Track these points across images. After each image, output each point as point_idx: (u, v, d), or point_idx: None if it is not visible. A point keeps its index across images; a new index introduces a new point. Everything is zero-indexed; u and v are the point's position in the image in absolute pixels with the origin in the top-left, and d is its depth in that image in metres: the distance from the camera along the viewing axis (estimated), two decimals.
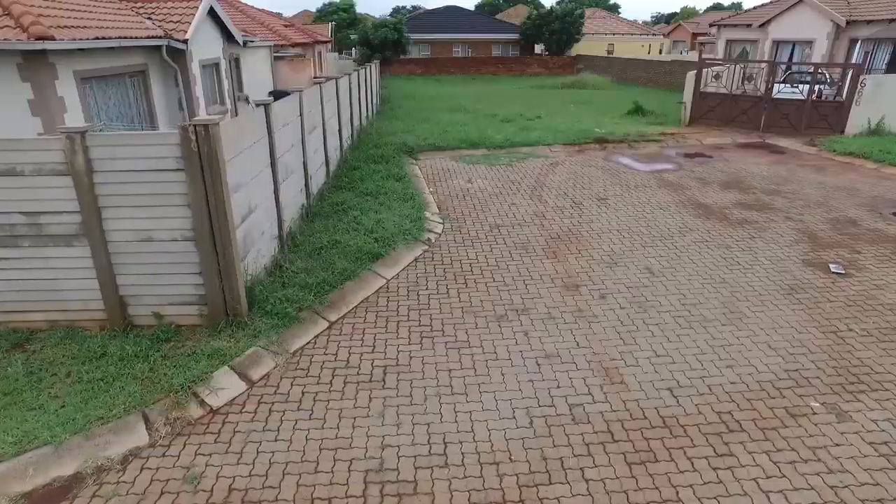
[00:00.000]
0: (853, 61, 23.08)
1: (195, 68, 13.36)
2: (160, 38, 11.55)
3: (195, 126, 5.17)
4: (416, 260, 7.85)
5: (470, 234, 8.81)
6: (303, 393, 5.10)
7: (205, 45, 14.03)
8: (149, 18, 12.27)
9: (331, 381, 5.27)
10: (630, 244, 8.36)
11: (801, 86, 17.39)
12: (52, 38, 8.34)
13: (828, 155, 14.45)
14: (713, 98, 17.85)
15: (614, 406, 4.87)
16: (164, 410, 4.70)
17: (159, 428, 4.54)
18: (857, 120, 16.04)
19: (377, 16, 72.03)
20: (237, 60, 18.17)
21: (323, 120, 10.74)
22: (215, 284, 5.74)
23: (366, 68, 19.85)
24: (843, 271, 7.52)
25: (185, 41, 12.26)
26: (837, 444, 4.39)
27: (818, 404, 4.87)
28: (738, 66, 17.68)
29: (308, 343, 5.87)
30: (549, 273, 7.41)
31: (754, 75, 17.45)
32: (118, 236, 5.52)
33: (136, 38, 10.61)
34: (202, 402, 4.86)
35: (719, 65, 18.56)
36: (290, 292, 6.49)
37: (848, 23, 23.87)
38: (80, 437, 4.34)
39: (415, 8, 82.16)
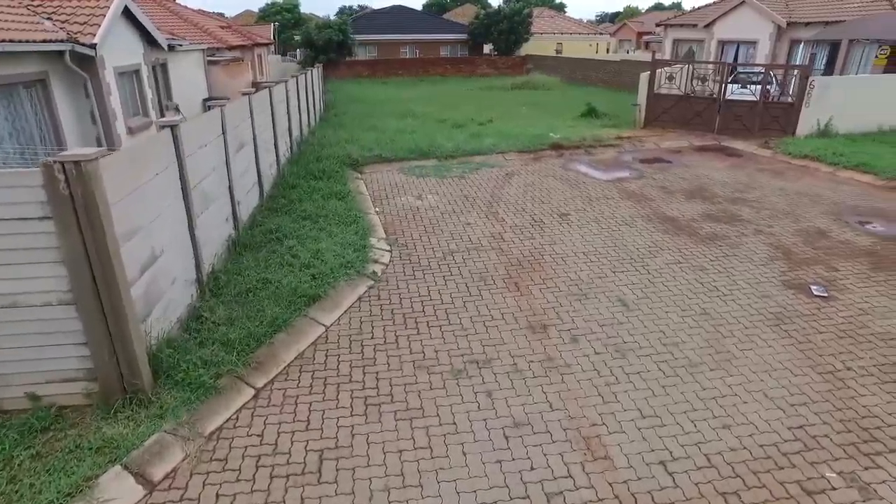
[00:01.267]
0: (798, 62, 23.45)
1: (109, 76, 11.92)
2: (61, 41, 10.11)
3: (63, 163, 4.04)
4: (359, 300, 6.85)
5: (421, 262, 7.86)
6: (217, 496, 4.05)
7: (121, 50, 12.58)
8: (48, 19, 10.77)
9: (254, 475, 4.24)
10: (598, 269, 7.59)
11: (753, 87, 17.22)
12: None
13: (783, 158, 14.21)
14: (667, 100, 17.49)
15: (601, 492, 4.03)
16: None
17: None
18: (808, 121, 15.95)
19: (323, 16, 70.23)
20: (164, 66, 16.65)
21: (254, 135, 9.59)
22: (106, 355, 4.61)
23: (307, 72, 18.63)
24: (825, 294, 6.96)
25: (94, 45, 10.84)
26: None
27: (834, 475, 4.17)
28: (690, 66, 17.34)
29: (228, 420, 4.81)
30: (512, 311, 6.54)
31: (707, 76, 17.15)
32: None
33: (28, 41, 9.16)
34: None
35: (673, 65, 18.22)
36: (207, 352, 5.39)
37: (788, 24, 24.20)
38: None
39: (361, 8, 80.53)
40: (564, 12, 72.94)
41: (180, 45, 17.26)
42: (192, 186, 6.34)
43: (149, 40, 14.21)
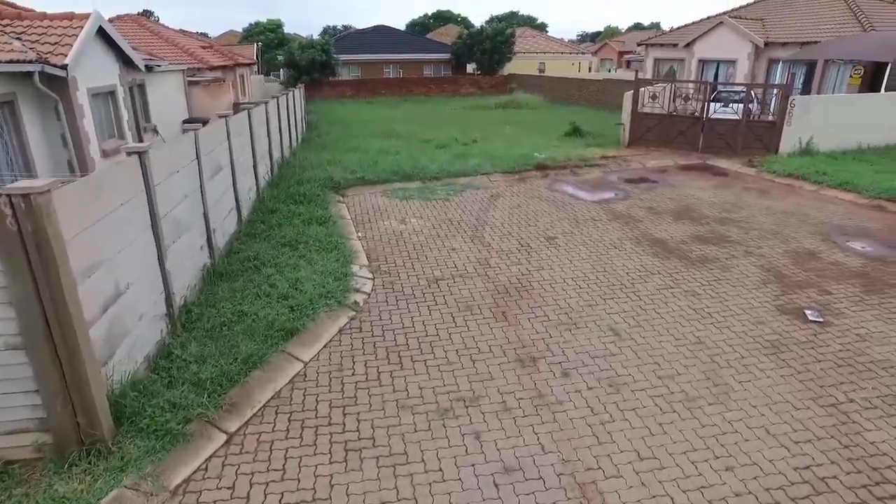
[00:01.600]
0: (776, 81, 23.78)
1: (82, 97, 11.56)
2: (30, 62, 9.76)
3: (10, 196, 3.71)
4: (340, 332, 6.52)
5: (405, 291, 7.56)
6: None
7: (95, 71, 12.24)
8: (17, 39, 10.42)
9: None
10: (588, 296, 7.35)
11: (735, 105, 17.33)
12: None
13: (768, 176, 14.20)
14: (651, 119, 17.51)
15: None
16: None
17: None
18: (790, 139, 16.03)
19: (306, 36, 70.36)
20: (142, 87, 16.31)
21: (231, 158, 9.28)
22: (60, 403, 4.24)
23: (289, 93, 18.40)
24: (821, 319, 6.78)
25: (65, 66, 10.50)
26: None
27: None
28: (673, 85, 17.42)
29: (197, 471, 4.44)
30: (500, 342, 6.26)
31: (691, 95, 17.23)
32: None
33: None
34: None
35: (655, 84, 18.30)
36: (177, 394, 5.02)
37: (766, 44, 24.58)
38: None
39: (345, 27, 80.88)
40: (546, 32, 73.85)
41: (159, 66, 16.95)
42: (163, 215, 6.02)
43: (125, 61, 13.89)
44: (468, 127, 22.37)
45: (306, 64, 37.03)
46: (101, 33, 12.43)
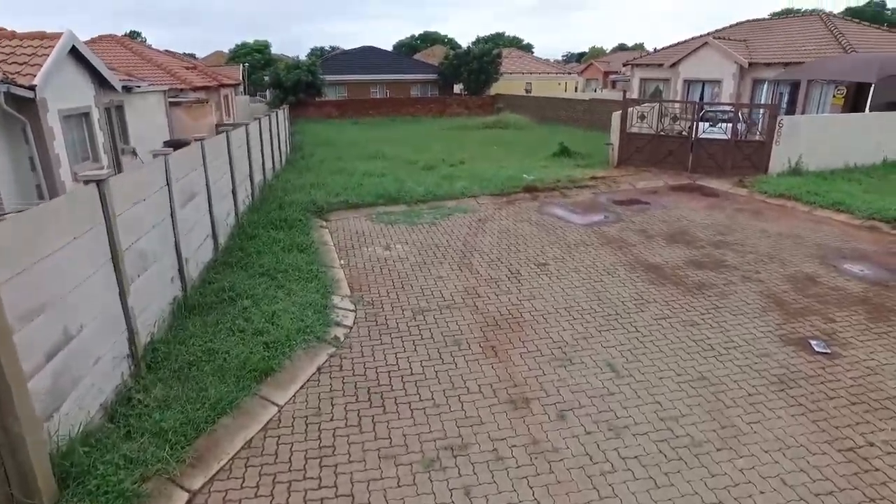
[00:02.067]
0: (762, 101, 23.87)
1: (52, 119, 11.10)
2: None
3: None
4: (319, 371, 6.06)
5: (388, 324, 7.12)
6: None
7: (67, 92, 11.80)
8: None
9: None
10: (583, 328, 6.96)
11: (724, 125, 17.23)
12: None
13: (760, 197, 14.01)
14: (640, 139, 17.34)
15: None
16: None
17: None
18: (779, 159, 15.91)
19: (293, 56, 70.40)
20: (120, 108, 15.89)
21: (207, 184, 8.86)
22: None
23: (272, 114, 18.05)
24: (828, 350, 6.44)
25: (34, 87, 10.05)
26: None
27: None
28: (661, 105, 17.30)
29: None
30: (490, 381, 5.83)
31: (678, 115, 17.11)
32: None
33: None
34: None
35: (644, 104, 18.19)
36: (135, 447, 4.53)
37: (750, 64, 24.74)
38: None
39: (333, 48, 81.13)
40: (532, 52, 74.58)
41: (138, 87, 16.55)
42: (126, 248, 5.58)
43: (101, 81, 13.47)
44: (455, 148, 22.12)
45: (292, 84, 36.79)
46: (75, 53, 12.02)
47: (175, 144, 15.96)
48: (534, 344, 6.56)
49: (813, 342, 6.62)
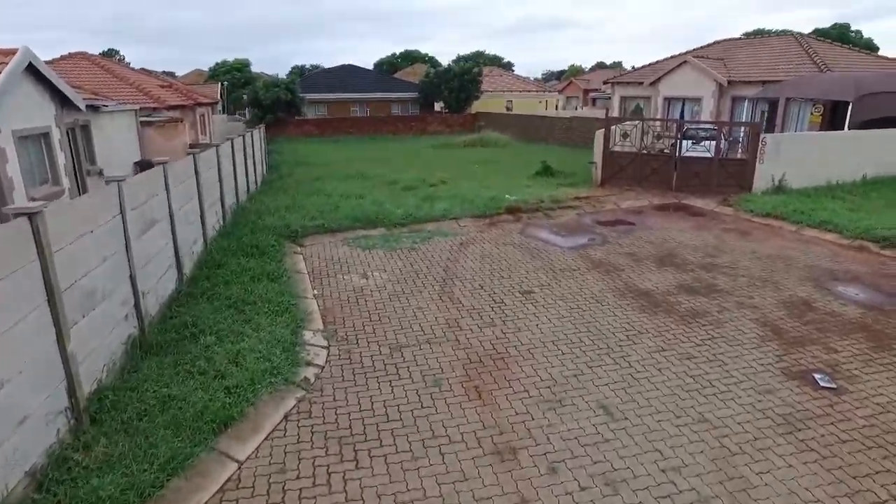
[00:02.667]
0: (743, 119, 23.96)
1: (5, 140, 10.44)
2: None
3: None
4: (285, 418, 5.49)
5: (363, 362, 6.58)
6: None
7: (23, 111, 11.16)
8: None
9: None
10: (573, 364, 6.48)
11: (707, 143, 17.10)
12: None
13: (746, 216, 13.78)
14: (623, 157, 17.11)
15: None
16: None
17: None
18: (763, 177, 15.78)
19: (276, 74, 69.89)
20: (85, 128, 15.22)
21: (170, 210, 8.28)
22: None
23: (247, 133, 17.50)
24: (833, 385, 6.04)
25: None
26: None
27: None
28: (643, 123, 17.12)
29: None
30: (474, 427, 5.31)
31: (661, 133, 16.93)
32: None
33: None
34: None
35: (626, 123, 17.99)
36: None
37: (729, 83, 24.89)
38: None
39: (314, 67, 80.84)
40: (513, 70, 75.08)
41: (105, 106, 15.91)
42: (66, 287, 5.00)
43: (63, 100, 12.83)
44: (436, 167, 21.72)
45: (270, 103, 36.29)
46: (34, 71, 11.40)
47: (145, 165, 15.35)
48: (520, 383, 6.06)
49: (817, 376, 6.22)
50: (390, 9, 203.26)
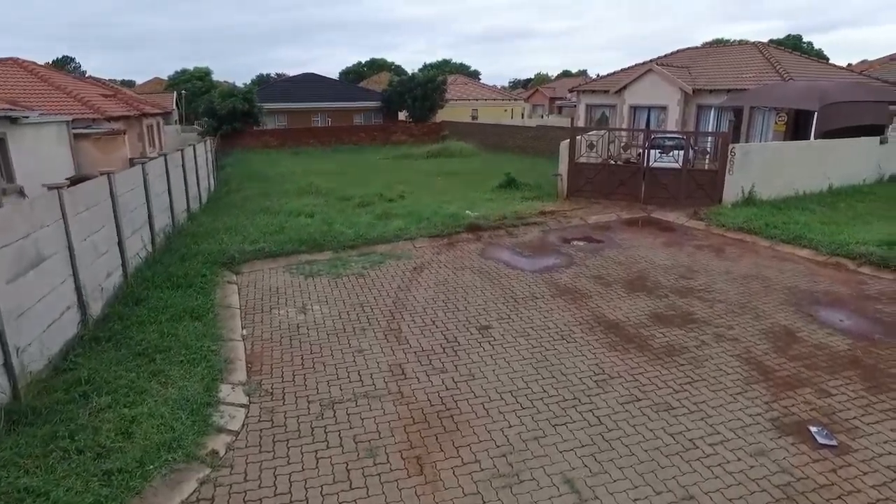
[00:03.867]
0: (709, 128, 23.66)
1: None
2: None
3: None
4: None
5: (287, 425, 5.52)
6: None
7: None
8: None
9: None
10: (533, 423, 5.53)
11: (676, 153, 16.53)
12: None
13: (717, 231, 13.15)
14: (590, 169, 16.39)
15: None
16: None
17: None
18: (733, 188, 15.25)
19: (239, 83, 67.96)
20: (1, 142, 13.77)
21: (69, 242, 7.09)
22: None
23: (191, 147, 16.25)
24: (833, 441, 5.23)
25: None
26: None
27: None
28: (609, 133, 16.46)
29: None
30: None
31: (629, 143, 16.29)
32: None
33: None
34: None
35: (592, 133, 17.32)
36: None
37: (694, 91, 24.59)
38: None
39: (279, 75, 79.10)
40: (479, 79, 74.68)
41: (26, 117, 14.47)
42: None
43: None
44: (396, 179, 20.71)
45: (227, 113, 34.75)
46: None
47: (79, 181, 13.98)
48: (471, 451, 5.08)
49: (813, 429, 5.41)
50: (360, 18, 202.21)
